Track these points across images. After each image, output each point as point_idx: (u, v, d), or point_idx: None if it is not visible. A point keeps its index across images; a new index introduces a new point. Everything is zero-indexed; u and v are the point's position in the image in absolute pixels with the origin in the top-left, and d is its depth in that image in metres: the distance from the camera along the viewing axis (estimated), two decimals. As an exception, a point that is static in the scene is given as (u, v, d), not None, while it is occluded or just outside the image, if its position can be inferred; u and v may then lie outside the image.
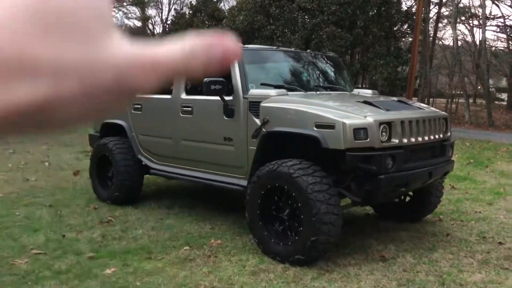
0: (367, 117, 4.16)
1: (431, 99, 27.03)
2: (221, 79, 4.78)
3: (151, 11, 47.90)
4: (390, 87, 16.91)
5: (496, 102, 30.76)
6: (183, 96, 5.52)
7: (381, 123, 4.17)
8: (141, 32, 42.21)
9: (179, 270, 4.17)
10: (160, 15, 45.28)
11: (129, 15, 43.89)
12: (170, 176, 5.97)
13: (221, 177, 5.20)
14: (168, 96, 5.69)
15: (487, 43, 27.88)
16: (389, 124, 4.24)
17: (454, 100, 28.54)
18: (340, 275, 4.05)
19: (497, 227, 5.46)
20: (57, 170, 8.79)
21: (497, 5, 28.33)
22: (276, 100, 4.64)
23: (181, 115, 5.51)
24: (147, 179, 7.39)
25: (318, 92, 5.21)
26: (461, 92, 25.45)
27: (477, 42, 26.08)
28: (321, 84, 5.65)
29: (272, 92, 4.76)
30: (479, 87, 27.20)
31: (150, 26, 44.07)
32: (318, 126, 4.22)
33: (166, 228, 5.32)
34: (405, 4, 25.58)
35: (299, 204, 4.16)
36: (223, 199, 6.48)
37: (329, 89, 5.55)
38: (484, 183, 8.04)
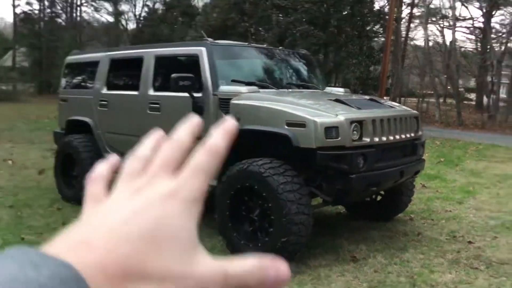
0: (339, 115, 4.08)
1: (402, 99, 27.39)
2: (189, 75, 4.63)
3: (123, 7, 47.03)
4: (363, 86, 17.01)
5: (465, 102, 31.39)
6: (151, 92, 5.34)
7: (352, 122, 4.09)
8: (113, 28, 41.45)
9: (144, 273, 3.99)
10: (134, 10, 44.53)
11: (99, 9, 42.83)
12: (137, 175, 5.76)
13: (189, 177, 5.04)
14: (136, 92, 5.50)
15: (457, 44, 28.44)
16: (360, 122, 4.17)
17: (425, 99, 29.02)
18: (310, 277, 3.96)
19: (467, 226, 5.48)
20: (21, 169, 8.45)
21: (466, 7, 28.91)
22: (247, 97, 4.52)
23: (149, 112, 5.33)
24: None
25: (290, 90, 5.11)
26: (432, 92, 25.87)
27: (447, 43, 26.51)
28: (294, 82, 5.55)
29: (243, 89, 4.63)
30: (449, 87, 27.66)
31: (123, 22, 43.34)
32: (289, 125, 4.12)
33: (132, 229, 5.13)
34: (378, 4, 25.90)
35: (270, 204, 4.05)
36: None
37: (302, 87, 5.46)
38: (454, 181, 8.11)
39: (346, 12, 16.33)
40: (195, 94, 4.75)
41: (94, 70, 6.16)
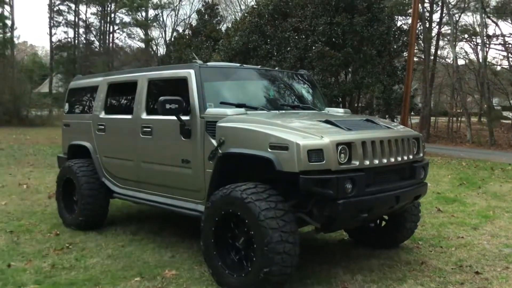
0: (324, 137, 3.86)
1: (432, 118, 26.68)
2: (177, 97, 4.54)
3: (154, 33, 48.28)
4: (386, 106, 16.59)
5: (503, 121, 30.24)
6: (144, 116, 5.27)
7: (338, 144, 3.86)
8: (144, 53, 42.51)
9: (121, 304, 3.84)
10: (164, 36, 45.63)
11: (133, 36, 44.09)
12: (131, 200, 5.68)
13: (179, 202, 4.91)
14: (130, 116, 5.45)
15: (493, 61, 27.61)
16: (348, 144, 3.93)
17: (458, 119, 28.15)
18: (294, 310, 3.70)
19: (478, 255, 5.08)
20: (34, 193, 8.55)
21: (496, 24, 28.13)
22: (232, 119, 4.37)
23: (141, 136, 5.25)
24: (119, 202, 7.12)
25: (282, 112, 4.92)
26: (462, 111, 25.09)
27: (480, 61, 25.73)
28: (288, 103, 5.36)
29: (229, 111, 4.48)
30: (485, 106, 26.75)
31: (154, 47, 44.42)
32: (272, 147, 3.92)
33: (123, 256, 5.01)
34: (401, 20, 25.51)
35: (252, 232, 3.84)
36: (194, 223, 6.15)
37: (297, 108, 5.26)
38: (473, 205, 7.65)
39: (362, 32, 16.07)
40: (183, 117, 4.64)
41: (93, 95, 6.17)
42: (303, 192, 3.89)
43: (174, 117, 4.66)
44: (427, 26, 26.24)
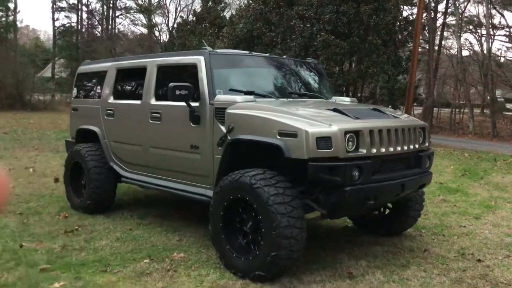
0: (332, 125, 3.92)
1: (435, 109, 26.67)
2: (187, 84, 4.59)
3: (157, 19, 48.05)
4: (389, 96, 16.59)
5: (506, 113, 30.20)
6: (153, 101, 5.33)
7: (347, 132, 3.92)
8: (147, 39, 42.36)
9: (132, 285, 3.94)
10: (167, 22, 45.43)
11: (136, 22, 43.90)
12: (139, 184, 5.77)
13: (188, 187, 4.99)
14: (138, 102, 5.51)
15: (498, 52, 27.48)
16: (356, 133, 4.00)
17: (461, 110, 28.11)
18: (301, 293, 3.80)
19: (479, 243, 5.17)
20: (40, 176, 8.64)
21: (502, 15, 27.96)
22: (242, 106, 4.43)
23: (150, 121, 5.32)
24: (127, 187, 7.21)
25: (290, 99, 4.98)
26: (465, 102, 25.07)
27: (484, 52, 25.63)
28: (296, 91, 5.42)
29: (238, 98, 4.54)
30: (488, 97, 26.69)
31: (156, 33, 44.25)
32: (281, 134, 3.99)
33: (131, 239, 5.11)
34: (407, 10, 25.37)
35: (260, 217, 3.93)
36: (201, 208, 6.24)
37: (305, 96, 5.32)
38: (475, 195, 7.74)
39: (368, 21, 16.01)
40: (193, 103, 4.70)
41: (102, 80, 6.22)
42: (311, 179, 3.97)
43: (183, 103, 4.73)
44: (432, 16, 26.10)
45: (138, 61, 5.82)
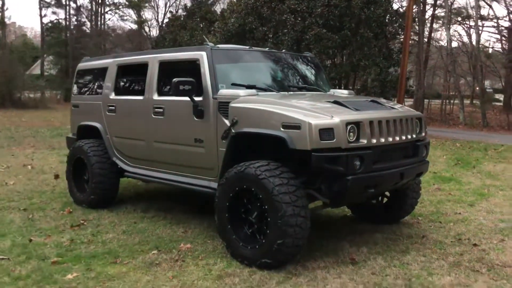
0: (334, 117, 4.06)
1: (426, 100, 26.95)
2: (190, 79, 4.70)
3: (147, 14, 47.82)
4: (381, 88, 16.80)
5: (495, 103, 30.60)
6: (155, 97, 5.43)
7: (348, 123, 4.07)
8: (137, 35, 42.19)
9: (143, 274, 4.07)
10: (157, 17, 45.25)
11: (125, 18, 43.65)
12: (143, 178, 5.88)
13: (192, 180, 5.11)
14: (141, 97, 5.60)
15: (486, 44, 27.77)
16: (357, 124, 4.15)
17: (451, 101, 28.45)
18: (307, 279, 3.95)
19: (475, 229, 5.36)
20: (40, 173, 8.70)
21: (490, 6, 28.25)
22: (245, 100, 4.55)
23: (153, 116, 5.42)
24: (127, 181, 7.31)
25: (290, 93, 5.11)
26: (455, 93, 25.37)
27: (473, 43, 25.93)
28: (296, 85, 5.55)
29: (241, 92, 4.66)
30: (477, 88, 27.01)
31: (146, 29, 44.08)
32: (284, 127, 4.13)
33: (137, 232, 5.23)
34: (398, 3, 25.55)
35: (266, 206, 4.06)
36: (202, 201, 6.38)
37: (304, 90, 5.46)
38: (469, 184, 7.95)
39: (359, 14, 16.17)
40: (196, 98, 4.82)
41: (103, 76, 6.30)
42: (313, 169, 4.11)
43: (186, 98, 4.84)
44: (422, 8, 26.33)
45: (139, 57, 5.91)
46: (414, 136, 4.74)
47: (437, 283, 3.86)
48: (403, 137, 4.57)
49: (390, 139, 4.40)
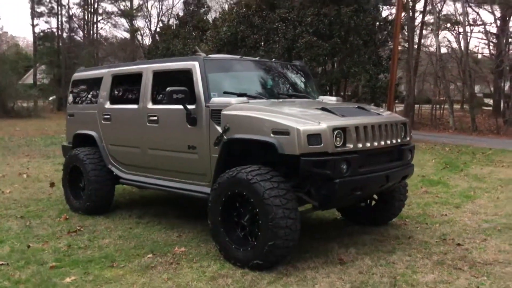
0: (321, 123, 4.25)
1: (416, 106, 27.29)
2: (183, 88, 4.88)
3: (140, 23, 48.05)
4: (371, 94, 17.08)
5: (485, 108, 31.01)
6: (150, 105, 5.60)
7: (335, 129, 4.26)
8: (129, 44, 42.33)
9: (139, 277, 4.22)
10: (149, 26, 45.48)
11: (118, 26, 43.79)
12: (138, 185, 6.03)
13: (186, 185, 5.27)
14: (135, 106, 5.77)
15: (475, 49, 28.15)
16: (343, 129, 4.34)
17: (441, 106, 28.83)
18: (296, 279, 4.11)
19: (459, 229, 5.56)
20: (35, 182, 8.82)
21: (477, 13, 28.69)
22: (237, 108, 4.73)
23: (148, 124, 5.58)
24: (121, 188, 7.46)
25: (280, 100, 5.30)
26: (445, 99, 25.71)
27: (462, 49, 26.32)
28: (285, 92, 5.75)
29: (233, 100, 4.85)
30: (467, 93, 27.38)
31: (139, 38, 44.25)
32: (274, 133, 4.31)
33: (133, 237, 5.37)
34: (387, 11, 25.93)
35: (257, 210, 4.23)
36: (195, 206, 6.54)
37: (293, 97, 5.65)
38: (456, 186, 8.17)
39: (348, 22, 16.47)
40: (189, 106, 4.99)
41: (98, 86, 6.46)
42: (303, 173, 4.29)
43: (179, 106, 5.01)
44: (411, 15, 26.72)
45: (133, 67, 6.08)
46: (399, 140, 4.94)
47: (421, 280, 4.04)
48: (388, 142, 4.76)
49: (376, 143, 4.60)
